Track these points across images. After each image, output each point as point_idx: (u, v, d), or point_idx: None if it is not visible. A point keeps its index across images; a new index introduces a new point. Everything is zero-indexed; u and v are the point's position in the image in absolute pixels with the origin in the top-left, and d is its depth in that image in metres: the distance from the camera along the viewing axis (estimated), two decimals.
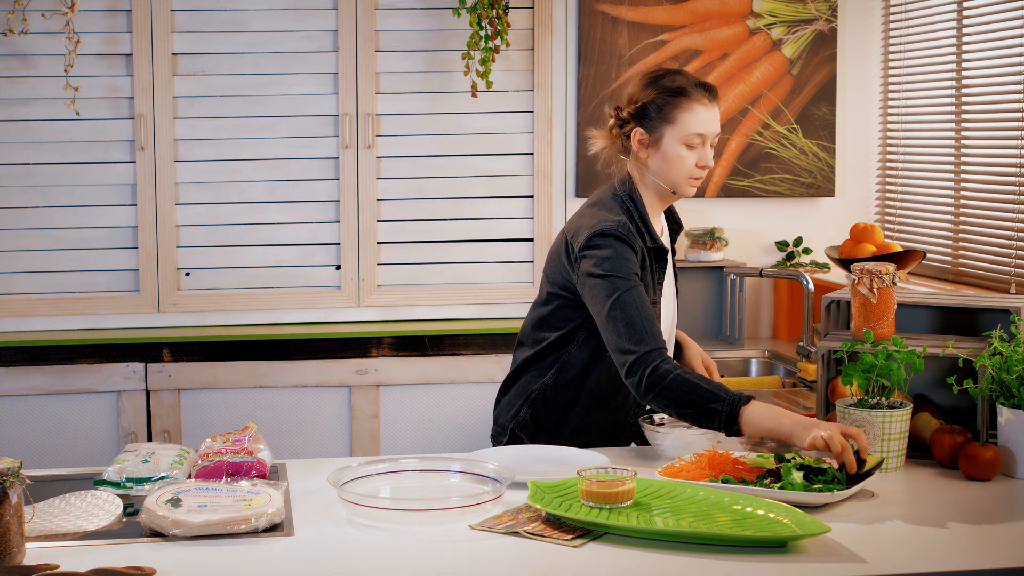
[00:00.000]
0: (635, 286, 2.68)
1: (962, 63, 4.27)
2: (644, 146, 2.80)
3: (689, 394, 2.57)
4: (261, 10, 4.36)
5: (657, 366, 2.60)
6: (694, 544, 2.16)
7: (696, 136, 2.76)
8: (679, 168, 2.77)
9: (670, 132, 2.76)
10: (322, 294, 4.44)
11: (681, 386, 2.57)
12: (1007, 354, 2.62)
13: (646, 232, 2.79)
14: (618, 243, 2.71)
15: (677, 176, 2.78)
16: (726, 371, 4.28)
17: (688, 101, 2.75)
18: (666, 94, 2.76)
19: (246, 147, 4.40)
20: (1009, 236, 3.99)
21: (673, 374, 2.58)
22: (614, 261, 2.70)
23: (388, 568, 2.08)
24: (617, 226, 2.73)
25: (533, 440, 2.92)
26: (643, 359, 2.62)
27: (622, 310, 2.66)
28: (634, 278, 2.69)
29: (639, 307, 2.66)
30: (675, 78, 2.78)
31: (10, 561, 2.04)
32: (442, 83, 4.45)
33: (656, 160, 2.79)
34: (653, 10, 4.59)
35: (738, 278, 4.54)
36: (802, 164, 4.72)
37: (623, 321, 2.65)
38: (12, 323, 4.31)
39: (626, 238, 2.72)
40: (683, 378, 2.58)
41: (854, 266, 2.77)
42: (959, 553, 2.17)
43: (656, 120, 2.77)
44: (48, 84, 4.27)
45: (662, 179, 2.80)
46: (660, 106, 2.76)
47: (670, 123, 2.76)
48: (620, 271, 2.69)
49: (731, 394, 2.56)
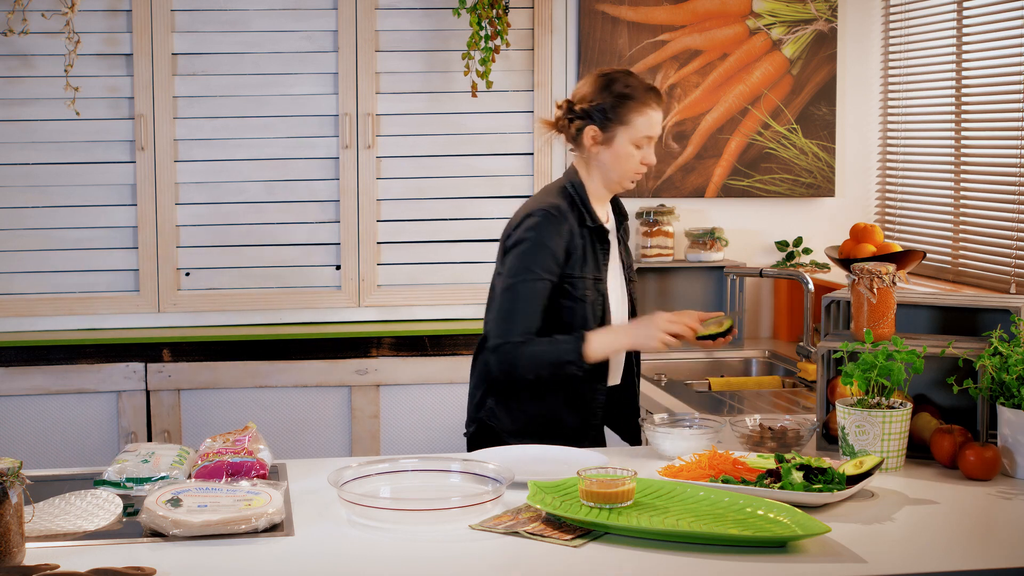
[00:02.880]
0: (536, 279, 2.90)
1: (962, 63, 4.27)
2: (597, 143, 3.00)
3: (542, 359, 2.88)
4: (261, 10, 4.36)
5: (515, 347, 2.88)
6: (694, 544, 2.16)
7: (645, 138, 2.98)
8: (626, 165, 3.00)
9: (623, 132, 2.97)
10: (322, 294, 4.44)
11: (534, 357, 2.87)
12: (1007, 354, 2.62)
13: (587, 214, 2.99)
14: (544, 224, 2.92)
15: (623, 172, 3.01)
16: (726, 371, 4.28)
17: (642, 105, 2.97)
18: (622, 97, 2.97)
19: (246, 147, 4.40)
20: (1009, 236, 3.99)
21: (522, 350, 2.87)
22: (530, 248, 2.92)
23: (388, 568, 2.08)
24: (549, 207, 2.95)
25: (502, 426, 3.01)
26: (504, 347, 2.89)
27: (508, 299, 2.91)
28: (541, 272, 2.90)
29: (525, 300, 2.90)
30: (629, 81, 2.99)
31: (10, 561, 2.04)
32: (442, 83, 4.45)
33: (607, 156, 3.00)
34: (653, 10, 4.59)
35: (738, 278, 4.53)
36: (802, 164, 4.72)
37: (503, 309, 2.92)
38: (12, 323, 4.31)
39: (553, 216, 2.92)
40: (531, 350, 2.87)
41: (854, 266, 2.77)
42: (959, 553, 2.17)
43: (611, 120, 2.97)
44: (48, 84, 4.27)
45: (609, 173, 3.02)
46: (615, 108, 2.97)
47: (624, 124, 2.97)
48: (532, 261, 2.91)
49: (571, 341, 2.87)
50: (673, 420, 2.82)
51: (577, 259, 2.95)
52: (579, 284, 2.95)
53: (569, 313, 2.95)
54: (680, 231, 4.68)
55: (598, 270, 3.00)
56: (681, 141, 4.64)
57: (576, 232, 2.96)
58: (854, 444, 2.63)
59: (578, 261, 2.95)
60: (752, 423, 2.83)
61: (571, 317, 2.95)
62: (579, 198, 3.00)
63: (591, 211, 3.00)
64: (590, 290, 2.96)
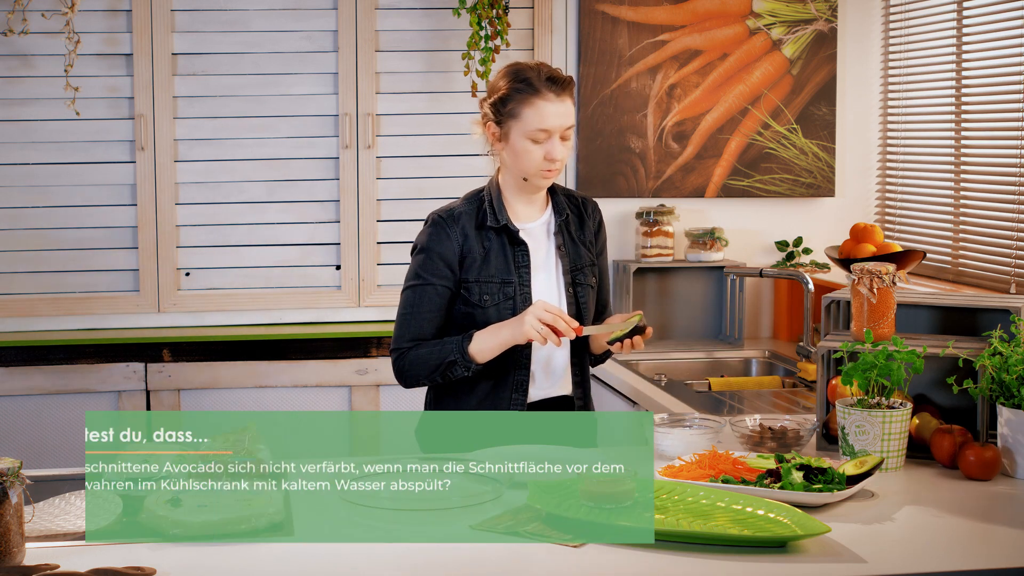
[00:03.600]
0: (424, 284, 2.83)
1: (962, 63, 4.27)
2: (497, 139, 2.84)
3: (427, 361, 2.80)
4: (261, 10, 4.36)
5: (401, 355, 2.83)
6: (694, 544, 2.16)
7: (540, 132, 2.76)
8: (527, 161, 2.80)
9: (515, 127, 2.79)
10: (322, 294, 4.44)
11: (418, 360, 2.81)
12: (1007, 354, 2.62)
13: (491, 215, 2.85)
14: (431, 230, 2.85)
15: (527, 168, 2.81)
16: (726, 371, 4.28)
17: (531, 97, 2.76)
18: (512, 90, 2.78)
19: (246, 147, 4.40)
20: (1009, 236, 3.99)
21: (408, 355, 2.82)
22: (418, 254, 2.86)
23: (388, 568, 2.08)
24: (440, 212, 2.88)
25: None
26: (394, 354, 2.86)
27: (401, 305, 2.87)
28: (429, 276, 2.83)
29: (410, 306, 2.84)
30: (523, 72, 2.79)
31: (10, 561, 2.04)
32: (442, 83, 4.45)
33: (507, 153, 2.83)
34: (653, 10, 4.59)
35: (738, 278, 4.53)
36: (802, 164, 4.72)
37: (398, 316, 2.88)
38: (12, 323, 4.31)
39: (441, 220, 2.85)
40: (416, 353, 2.82)
41: (854, 266, 2.77)
42: (959, 553, 2.17)
43: (504, 115, 2.80)
44: (48, 84, 4.27)
45: (515, 171, 2.84)
46: (505, 101, 2.79)
47: (514, 118, 2.78)
48: (420, 266, 2.85)
49: (455, 341, 2.78)
50: (673, 420, 2.82)
51: (473, 263, 2.83)
52: (474, 289, 2.82)
53: (469, 319, 2.83)
54: (680, 231, 4.68)
55: (508, 272, 2.84)
56: (681, 141, 4.64)
57: (472, 235, 2.83)
58: (854, 444, 2.63)
59: (474, 265, 2.82)
60: (752, 423, 2.83)
61: (473, 324, 2.82)
62: (489, 198, 2.86)
63: (496, 211, 2.85)
64: (492, 294, 2.82)
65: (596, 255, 2.98)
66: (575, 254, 2.93)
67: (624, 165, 4.61)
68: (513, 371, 2.85)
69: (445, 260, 2.82)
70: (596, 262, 2.98)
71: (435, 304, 2.83)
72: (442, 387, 2.91)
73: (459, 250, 2.83)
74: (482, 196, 2.89)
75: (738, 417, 2.88)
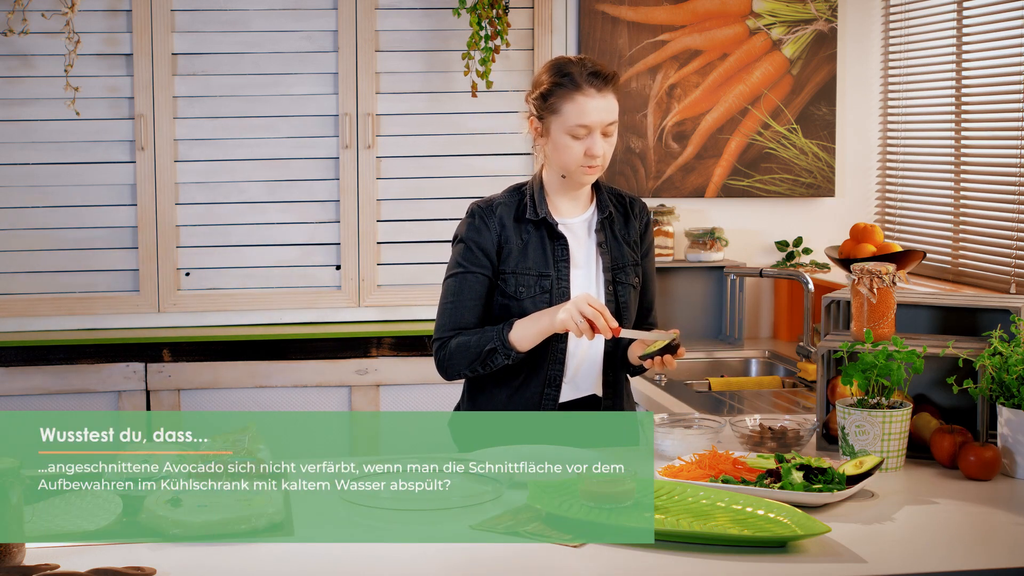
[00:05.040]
0: (464, 272, 2.83)
1: (962, 63, 4.27)
2: (539, 134, 2.83)
3: (468, 349, 2.79)
4: (261, 10, 4.37)
5: (443, 344, 2.83)
6: (694, 544, 2.16)
7: (580, 127, 2.74)
8: (567, 157, 2.77)
9: (556, 122, 2.76)
10: (322, 294, 4.44)
11: (459, 349, 2.80)
12: (1007, 354, 2.62)
13: (531, 208, 2.84)
14: (470, 220, 2.86)
15: (567, 164, 2.79)
16: (726, 371, 4.28)
17: (572, 91, 2.73)
18: (554, 85, 2.76)
19: (246, 147, 4.40)
20: (1009, 236, 3.99)
21: (451, 343, 2.81)
22: (459, 244, 2.86)
23: (388, 568, 2.08)
24: (480, 202, 2.89)
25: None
26: (436, 344, 2.86)
27: (443, 295, 2.87)
28: (468, 265, 2.83)
29: (452, 295, 2.84)
30: (565, 66, 2.77)
31: (10, 561, 2.04)
32: (442, 83, 4.45)
33: (549, 148, 2.81)
34: (653, 10, 4.59)
35: (738, 278, 4.54)
36: (802, 164, 4.72)
37: (440, 306, 2.88)
38: (12, 323, 4.31)
39: (480, 210, 2.86)
40: (457, 341, 2.81)
41: (854, 266, 2.77)
42: (959, 553, 2.17)
43: (545, 110, 2.78)
44: (48, 84, 4.27)
45: (556, 166, 2.82)
46: (547, 96, 2.77)
47: (555, 113, 2.76)
48: (459, 255, 2.85)
49: (496, 329, 2.78)
50: (673, 420, 2.82)
51: (510, 254, 2.82)
52: (511, 280, 2.81)
53: (505, 311, 2.83)
54: (680, 231, 4.68)
55: (546, 265, 2.84)
56: (681, 141, 4.64)
57: (510, 227, 2.83)
58: (854, 444, 2.63)
59: (511, 256, 2.82)
60: (752, 423, 2.83)
61: (509, 316, 2.82)
62: (531, 192, 2.86)
63: (536, 204, 2.84)
64: (528, 287, 2.81)
65: (641, 256, 2.95)
66: (617, 252, 2.91)
67: (624, 165, 4.61)
68: (548, 366, 2.85)
69: (483, 250, 2.83)
70: (640, 263, 2.95)
71: (476, 292, 2.83)
72: (474, 379, 2.92)
73: (496, 240, 2.83)
74: (524, 189, 2.89)
75: (738, 417, 2.88)
